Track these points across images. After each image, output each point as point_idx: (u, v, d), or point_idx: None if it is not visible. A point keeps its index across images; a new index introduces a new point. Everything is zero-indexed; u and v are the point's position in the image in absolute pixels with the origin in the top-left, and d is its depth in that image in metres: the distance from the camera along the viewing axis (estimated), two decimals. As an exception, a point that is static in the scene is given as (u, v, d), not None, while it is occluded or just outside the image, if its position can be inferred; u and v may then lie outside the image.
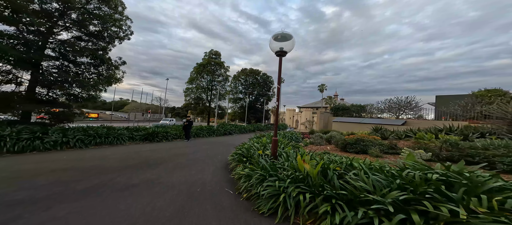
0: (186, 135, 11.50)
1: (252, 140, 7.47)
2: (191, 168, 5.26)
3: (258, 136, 10.00)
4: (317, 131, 18.42)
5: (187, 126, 11.41)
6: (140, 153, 7.02)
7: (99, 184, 3.74)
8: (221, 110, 24.83)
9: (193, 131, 13.43)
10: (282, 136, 10.70)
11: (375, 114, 21.07)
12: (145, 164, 5.44)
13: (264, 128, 28.80)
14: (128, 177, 4.25)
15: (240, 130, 20.51)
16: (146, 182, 3.99)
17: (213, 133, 15.44)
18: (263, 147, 5.36)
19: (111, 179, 4.05)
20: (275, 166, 3.45)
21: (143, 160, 5.89)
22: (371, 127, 15.70)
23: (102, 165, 5.17)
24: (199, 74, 23.20)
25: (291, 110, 79.58)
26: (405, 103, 18.70)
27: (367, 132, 14.72)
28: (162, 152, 7.53)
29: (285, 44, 4.30)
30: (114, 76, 10.75)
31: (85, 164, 5.16)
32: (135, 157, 6.34)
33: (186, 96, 22.25)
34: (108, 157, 6.08)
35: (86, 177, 4.07)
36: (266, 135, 10.10)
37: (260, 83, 34.25)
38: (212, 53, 24.89)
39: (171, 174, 4.58)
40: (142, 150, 7.79)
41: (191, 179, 4.26)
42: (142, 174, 4.54)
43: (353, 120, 20.31)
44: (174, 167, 5.25)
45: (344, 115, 23.22)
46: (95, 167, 4.90)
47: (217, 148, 9.44)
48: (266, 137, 8.12)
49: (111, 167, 5.05)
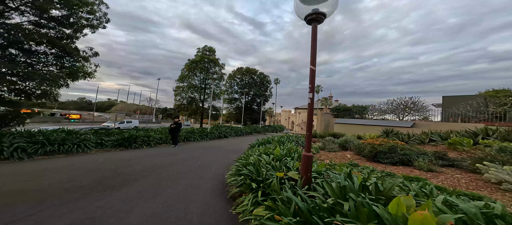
0: (173, 139, 9.65)
1: (257, 148, 5.78)
2: (168, 191, 3.51)
3: (261, 141, 8.33)
4: (319, 133, 17.03)
5: (174, 129, 9.57)
6: (104, 166, 5.15)
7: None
8: (216, 111, 22.95)
9: (182, 134, 11.57)
10: (285, 139, 9.13)
11: (377, 115, 20.08)
12: (100, 185, 3.63)
13: (262, 130, 27.16)
14: (55, 212, 2.44)
15: (236, 132, 18.75)
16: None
17: (206, 136, 13.61)
18: (279, 161, 3.66)
19: (19, 219, 2.25)
20: (317, 207, 1.81)
21: (101, 178, 4.06)
22: (378, 129, 14.54)
23: (28, 188, 3.31)
24: (191, 72, 21.27)
25: (287, 112, 78.64)
26: (410, 104, 17.77)
27: (375, 134, 13.48)
28: (136, 163, 5.69)
29: (324, 5, 2.68)
30: (83, 69, 8.77)
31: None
32: (93, 172, 4.49)
33: (176, 95, 20.20)
34: (51, 173, 4.20)
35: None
36: (271, 140, 8.43)
37: (257, 83, 32.64)
38: (205, 49, 23.07)
39: (131, 206, 2.82)
40: (111, 160, 5.91)
41: (164, 221, 2.51)
42: (84, 204, 2.75)
43: (357, 121, 19.14)
44: (141, 190, 3.48)
45: (345, 116, 22.11)
46: (12, 192, 3.05)
47: (210, 155, 7.68)
48: (276, 144, 6.46)
49: (43, 190, 3.21)
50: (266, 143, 7.63)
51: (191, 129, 13.65)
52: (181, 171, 5.09)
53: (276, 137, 10.05)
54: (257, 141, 8.57)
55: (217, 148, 9.83)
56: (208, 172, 5.18)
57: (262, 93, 32.20)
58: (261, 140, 8.66)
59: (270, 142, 7.66)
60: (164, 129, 11.35)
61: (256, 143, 7.78)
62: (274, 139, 8.87)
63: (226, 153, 8.42)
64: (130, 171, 4.84)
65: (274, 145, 6.61)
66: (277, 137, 10.67)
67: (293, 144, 7.85)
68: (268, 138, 9.66)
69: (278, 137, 10.51)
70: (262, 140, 8.54)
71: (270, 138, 8.96)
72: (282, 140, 8.43)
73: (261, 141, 8.10)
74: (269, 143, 7.57)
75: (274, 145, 6.61)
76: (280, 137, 10.15)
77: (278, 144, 7.02)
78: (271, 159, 3.78)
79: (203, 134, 13.48)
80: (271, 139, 8.73)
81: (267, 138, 8.91)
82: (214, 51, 23.57)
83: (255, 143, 7.89)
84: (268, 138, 9.98)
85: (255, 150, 5.70)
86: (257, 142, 7.98)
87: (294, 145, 7.97)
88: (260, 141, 8.39)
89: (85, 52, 9.07)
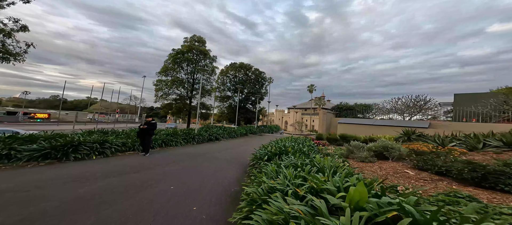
0: (144, 145, 6.91)
1: (278, 169, 3.18)
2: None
3: (270, 149, 5.86)
4: (324, 135, 14.98)
5: (144, 131, 6.81)
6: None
7: None
8: (206, 109, 20.11)
9: (159, 138, 8.79)
10: (293, 142, 6.77)
11: (379, 115, 18.60)
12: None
13: (257, 130, 24.71)
14: None
15: (230, 134, 16.11)
16: None
17: (192, 139, 10.87)
18: None
19: None
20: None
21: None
22: (388, 130, 12.78)
23: None
24: (177, 64, 18.27)
25: (280, 112, 77.01)
26: (421, 103, 16.29)
27: (391, 136, 11.55)
28: (29, 197, 2.97)
29: None
30: (5, 49, 5.79)
31: None
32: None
33: (157, 91, 17.05)
34: None
35: None
36: (282, 146, 5.95)
37: (251, 80, 30.14)
38: (194, 39, 20.16)
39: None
40: (8, 186, 3.14)
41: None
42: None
43: (364, 121, 17.29)
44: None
45: (348, 115, 20.42)
46: None
47: (196, 171, 5.08)
48: (300, 155, 3.99)
49: None
50: (279, 152, 5.19)
51: (173, 130, 10.85)
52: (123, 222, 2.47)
53: (285, 141, 7.66)
54: (264, 149, 6.09)
55: (207, 157, 7.21)
56: (186, 220, 2.61)
57: (258, 91, 29.76)
58: (270, 147, 6.20)
59: (284, 151, 5.23)
60: (132, 131, 8.49)
61: (265, 153, 5.29)
62: (283, 143, 6.46)
63: (219, 166, 5.85)
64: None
65: (297, 157, 4.19)
66: (285, 140, 8.27)
67: (314, 153, 5.50)
68: (275, 142, 7.23)
69: (285, 140, 8.12)
70: (271, 148, 6.07)
71: (281, 144, 6.51)
72: (298, 147, 6.05)
73: (271, 150, 5.63)
74: (283, 153, 5.14)
75: (298, 157, 4.19)
76: (287, 141, 7.77)
77: (300, 154, 4.61)
78: None
79: (189, 136, 10.73)
80: (282, 145, 6.29)
81: (276, 146, 6.46)
82: (204, 41, 20.73)
83: (263, 153, 5.40)
84: (273, 142, 7.55)
85: (270, 169, 3.22)
86: (265, 152, 5.50)
87: (315, 152, 5.65)
88: (268, 149, 5.92)
89: (5, 25, 6.07)
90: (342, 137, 11.91)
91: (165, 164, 5.73)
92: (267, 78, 31.75)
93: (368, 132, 14.36)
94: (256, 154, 5.68)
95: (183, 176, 4.62)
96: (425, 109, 16.36)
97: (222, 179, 4.59)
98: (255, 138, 18.00)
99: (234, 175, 4.97)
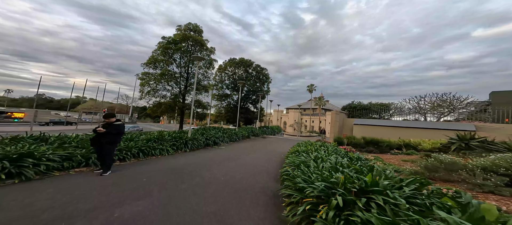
0: (102, 159, 4.36)
1: None
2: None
3: (294, 159, 3.39)
4: (341, 137, 12.66)
5: (101, 136, 4.26)
6: None
7: None
8: (202, 108, 17.48)
9: (136, 145, 6.23)
10: (319, 149, 4.34)
11: (396, 115, 16.57)
12: None
13: (260, 132, 22.25)
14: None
15: (230, 137, 13.60)
16: None
17: (184, 146, 8.30)
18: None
19: None
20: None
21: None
22: (420, 133, 10.65)
23: None
24: (167, 56, 15.60)
25: (279, 112, 74.89)
26: (454, 101, 14.06)
27: (435, 141, 9.37)
28: None
29: None
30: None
31: None
32: None
33: (143, 85, 14.26)
34: None
35: None
36: (305, 158, 3.46)
37: (252, 77, 27.68)
38: (189, 27, 17.57)
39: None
40: None
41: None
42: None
43: (386, 123, 14.90)
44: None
45: (362, 115, 18.27)
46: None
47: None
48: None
49: None
50: (301, 162, 2.75)
51: (158, 133, 8.27)
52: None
53: (312, 149, 5.24)
54: (292, 160, 3.64)
55: (201, 177, 4.68)
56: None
57: (259, 88, 27.31)
58: (289, 158, 3.75)
59: (304, 163, 2.79)
60: (87, 137, 5.89)
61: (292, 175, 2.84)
62: (315, 154, 4.03)
63: (222, 202, 3.35)
64: None
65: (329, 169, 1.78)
66: (307, 146, 5.85)
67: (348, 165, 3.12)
68: (303, 151, 4.81)
69: (307, 146, 5.70)
70: (289, 159, 3.62)
71: (304, 155, 4.07)
72: (321, 155, 3.62)
73: (294, 160, 3.17)
74: (312, 164, 2.70)
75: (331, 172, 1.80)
76: (313, 148, 5.36)
77: (330, 168, 2.19)
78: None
79: (179, 141, 8.17)
80: (303, 156, 3.85)
81: (298, 158, 4.01)
82: (201, 31, 18.16)
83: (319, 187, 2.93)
84: (295, 150, 5.12)
85: None
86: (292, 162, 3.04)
87: (345, 161, 3.27)
88: (291, 159, 3.47)
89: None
90: (370, 142, 9.59)
91: (124, 197, 3.20)
92: (269, 76, 29.36)
93: (393, 135, 12.13)
94: (294, 181, 3.18)
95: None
96: (458, 109, 14.31)
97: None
98: (260, 141, 15.55)
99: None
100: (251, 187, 4.08)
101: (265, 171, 5.51)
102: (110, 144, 4.35)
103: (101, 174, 4.21)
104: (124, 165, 5.36)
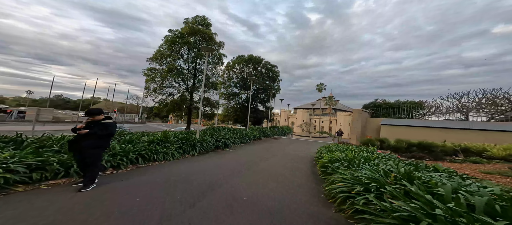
0: (85, 168, 3.21)
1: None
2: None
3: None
4: (372, 139, 11.07)
5: (83, 138, 3.12)
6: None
7: None
8: (211, 106, 16.39)
9: (134, 149, 5.12)
10: (368, 157, 2.96)
11: (433, 114, 14.66)
12: None
13: (271, 133, 20.93)
14: None
15: (241, 138, 12.38)
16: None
17: (192, 148, 7.13)
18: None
19: None
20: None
21: None
22: (470, 135, 8.89)
23: None
24: (173, 51, 14.61)
25: (287, 112, 73.07)
26: (505, 99, 12.01)
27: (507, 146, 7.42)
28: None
29: None
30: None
31: None
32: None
33: (148, 81, 13.29)
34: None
35: None
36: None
37: (261, 74, 26.36)
38: (196, 20, 16.55)
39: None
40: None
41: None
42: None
43: (422, 123, 12.85)
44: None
45: (388, 115, 16.41)
46: None
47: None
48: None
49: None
50: None
51: (162, 134, 7.14)
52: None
53: (332, 151, 3.88)
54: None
55: (216, 202, 3.45)
56: None
57: (269, 86, 25.94)
58: (335, 172, 2.37)
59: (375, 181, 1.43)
60: (66, 141, 4.80)
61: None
62: (345, 158, 2.68)
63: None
64: None
65: None
66: (345, 151, 4.47)
67: None
68: (343, 157, 3.47)
69: (345, 151, 4.33)
70: (338, 173, 2.24)
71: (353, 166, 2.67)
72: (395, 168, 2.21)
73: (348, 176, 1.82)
74: None
75: None
76: (355, 154, 3.99)
77: None
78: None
79: (187, 144, 7.01)
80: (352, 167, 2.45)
81: (346, 171, 2.62)
82: (210, 24, 17.10)
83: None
84: (331, 159, 3.79)
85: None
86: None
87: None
88: (342, 173, 2.11)
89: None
90: (416, 145, 7.96)
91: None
92: (279, 74, 27.92)
93: (432, 137, 10.39)
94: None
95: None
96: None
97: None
98: (273, 143, 14.23)
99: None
100: (292, 213, 2.78)
101: (297, 185, 4.20)
102: (93, 149, 3.20)
103: (81, 190, 3.06)
104: (117, 174, 4.23)
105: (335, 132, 52.30)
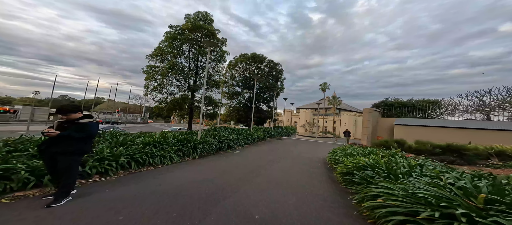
0: (58, 177, 2.55)
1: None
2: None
3: None
4: (389, 140, 10.26)
5: (55, 143, 2.47)
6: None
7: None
8: (213, 105, 15.75)
9: (127, 153, 4.47)
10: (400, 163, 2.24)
11: (451, 113, 13.78)
12: None
13: (275, 133, 20.24)
14: None
15: (245, 139, 11.70)
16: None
17: (193, 151, 6.46)
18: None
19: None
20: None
21: None
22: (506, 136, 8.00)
23: None
24: (174, 48, 14.02)
25: (289, 112, 72.21)
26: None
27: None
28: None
29: None
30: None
31: None
32: None
33: (148, 79, 12.72)
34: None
35: None
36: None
37: (265, 73, 25.65)
38: (198, 16, 15.95)
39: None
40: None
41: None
42: None
43: (442, 123, 11.80)
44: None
45: (402, 114, 15.53)
46: None
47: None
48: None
49: None
50: None
51: (160, 135, 6.50)
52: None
53: (350, 154, 3.15)
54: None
55: (219, 215, 2.77)
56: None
57: (273, 85, 25.22)
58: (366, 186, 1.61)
59: None
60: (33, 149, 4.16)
61: None
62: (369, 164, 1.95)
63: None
64: None
65: None
66: (368, 158, 3.76)
67: None
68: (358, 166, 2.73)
69: (368, 158, 3.61)
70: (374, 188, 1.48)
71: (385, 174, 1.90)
72: None
73: None
74: None
75: None
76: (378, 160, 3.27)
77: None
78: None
79: (186, 146, 6.35)
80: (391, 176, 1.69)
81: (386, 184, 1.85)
82: (212, 20, 16.49)
83: None
84: (354, 164, 3.08)
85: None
86: None
87: None
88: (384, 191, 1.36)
89: None
90: (445, 148, 7.14)
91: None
92: (283, 72, 27.16)
93: (452, 138, 9.52)
94: None
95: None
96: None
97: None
98: (278, 144, 13.52)
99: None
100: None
101: (320, 198, 3.48)
102: (68, 155, 2.54)
103: (49, 205, 2.41)
104: (104, 182, 3.59)
105: (339, 132, 51.17)
